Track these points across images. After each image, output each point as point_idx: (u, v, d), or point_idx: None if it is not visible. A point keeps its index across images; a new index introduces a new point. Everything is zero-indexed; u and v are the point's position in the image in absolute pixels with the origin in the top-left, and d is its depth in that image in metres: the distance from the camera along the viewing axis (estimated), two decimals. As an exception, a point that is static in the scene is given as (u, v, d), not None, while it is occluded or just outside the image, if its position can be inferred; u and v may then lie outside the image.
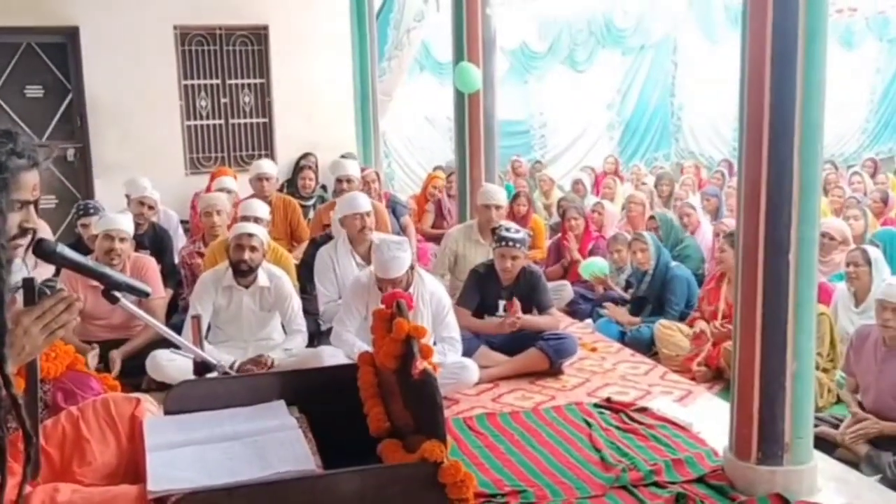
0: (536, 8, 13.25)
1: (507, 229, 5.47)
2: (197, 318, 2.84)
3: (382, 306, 4.72)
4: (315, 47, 9.35)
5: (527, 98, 14.49)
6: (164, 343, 5.06)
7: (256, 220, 5.60)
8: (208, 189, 8.11)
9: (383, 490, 1.95)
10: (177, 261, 6.70)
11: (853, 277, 5.38)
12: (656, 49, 14.64)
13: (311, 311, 5.55)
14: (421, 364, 2.11)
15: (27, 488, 2.07)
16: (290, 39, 9.29)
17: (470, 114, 6.72)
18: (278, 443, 2.27)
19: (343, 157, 8.63)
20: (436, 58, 13.88)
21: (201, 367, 2.53)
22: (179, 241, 7.44)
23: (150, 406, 2.63)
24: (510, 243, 5.30)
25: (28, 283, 2.12)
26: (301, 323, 5.16)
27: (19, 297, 2.12)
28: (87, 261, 2.25)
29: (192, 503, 1.85)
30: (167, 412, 2.51)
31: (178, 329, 5.28)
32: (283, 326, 5.25)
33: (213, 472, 2.07)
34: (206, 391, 2.56)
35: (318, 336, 5.46)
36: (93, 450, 2.32)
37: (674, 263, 6.46)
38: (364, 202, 5.61)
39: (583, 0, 13.72)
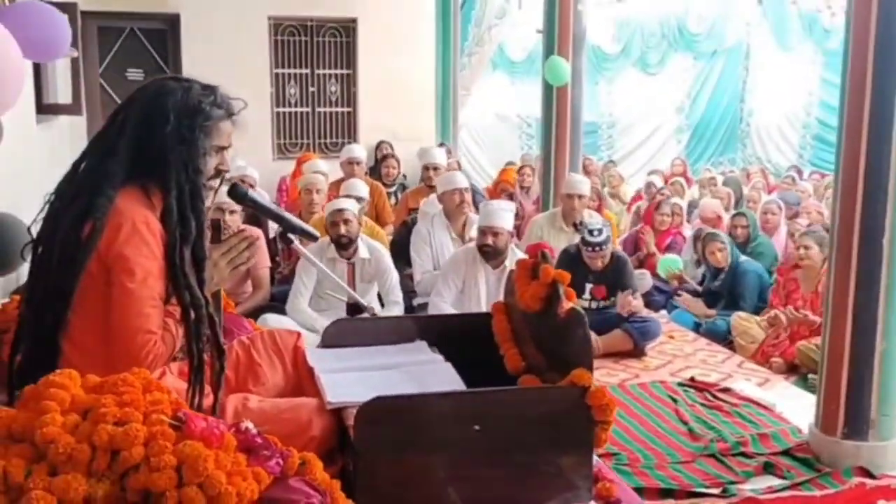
0: (613, 9, 13.45)
1: (591, 232, 5.58)
2: (352, 265, 3.14)
3: (483, 280, 5.07)
4: (400, 41, 9.67)
5: (597, 98, 14.69)
6: (272, 308, 5.43)
7: (359, 199, 5.92)
8: (295, 173, 8.48)
9: (538, 407, 2.22)
10: (271, 236, 7.05)
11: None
12: (728, 54, 14.75)
13: (403, 289, 5.84)
14: (567, 304, 2.38)
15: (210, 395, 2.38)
16: (377, 32, 9.62)
17: (558, 107, 6.98)
18: (431, 372, 2.55)
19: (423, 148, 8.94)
20: (509, 56, 14.17)
21: (353, 308, 2.83)
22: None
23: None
24: (595, 247, 5.53)
25: (215, 223, 2.44)
26: (399, 294, 5.43)
27: None
28: (271, 205, 2.55)
29: (376, 409, 2.12)
30: (324, 346, 2.81)
31: (278, 299, 5.65)
32: (379, 298, 5.54)
33: (381, 391, 2.34)
34: (357, 329, 2.87)
35: (410, 311, 5.75)
36: (265, 372, 2.61)
37: (743, 258, 6.60)
38: (462, 179, 5.95)
39: (657, 3, 13.89)
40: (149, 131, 2.27)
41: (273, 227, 7.30)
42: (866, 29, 3.62)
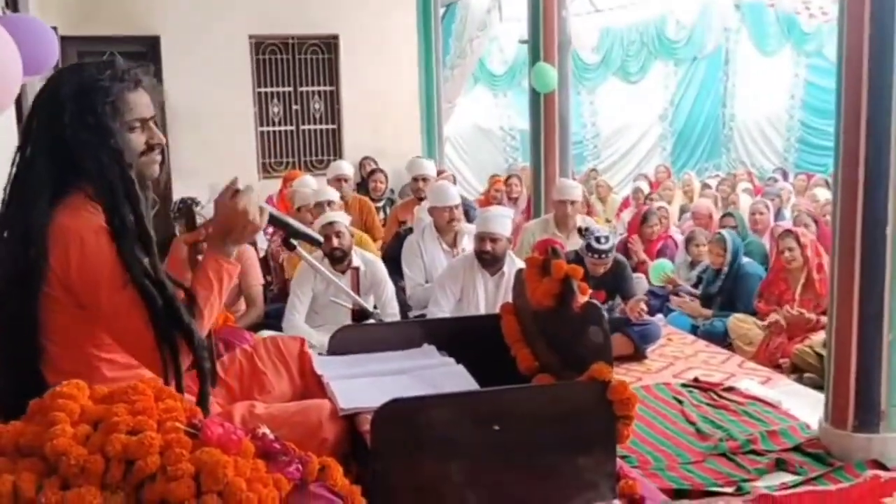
0: (592, 19, 13.48)
1: (598, 239, 5.57)
2: (356, 270, 3.08)
3: (481, 287, 5.00)
4: (383, 56, 9.64)
5: (579, 109, 14.70)
6: (267, 326, 5.34)
7: (329, 203, 5.91)
8: (282, 192, 8.41)
9: (558, 404, 2.15)
10: (261, 255, 6.97)
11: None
12: (708, 60, 14.81)
13: (398, 303, 5.76)
14: (582, 298, 2.32)
15: (215, 405, 2.27)
16: (359, 48, 9.60)
17: (545, 113, 6.95)
18: (444, 374, 2.49)
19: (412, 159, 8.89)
20: (490, 70, 14.17)
21: (359, 314, 2.77)
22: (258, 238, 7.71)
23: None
24: (601, 255, 5.51)
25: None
26: (395, 307, 5.33)
27: None
28: (274, 210, 2.43)
29: (393, 411, 2.06)
30: (330, 353, 2.75)
31: (272, 317, 5.57)
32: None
33: (395, 395, 2.27)
34: (364, 335, 2.81)
35: (406, 323, 5.68)
36: (270, 380, 2.53)
37: (746, 260, 6.57)
38: (454, 195, 5.85)
39: (635, 11, 13.93)
40: (52, 129, 2.07)
41: (263, 245, 7.25)
42: (860, 23, 3.61)
